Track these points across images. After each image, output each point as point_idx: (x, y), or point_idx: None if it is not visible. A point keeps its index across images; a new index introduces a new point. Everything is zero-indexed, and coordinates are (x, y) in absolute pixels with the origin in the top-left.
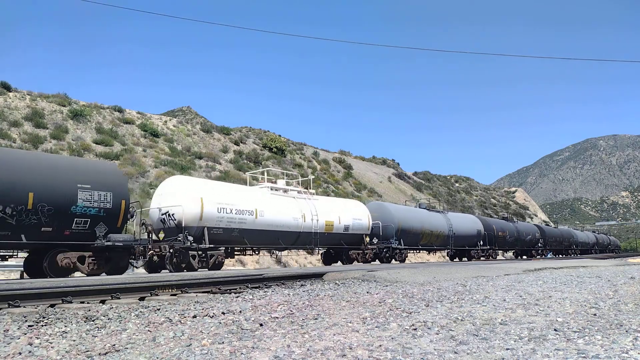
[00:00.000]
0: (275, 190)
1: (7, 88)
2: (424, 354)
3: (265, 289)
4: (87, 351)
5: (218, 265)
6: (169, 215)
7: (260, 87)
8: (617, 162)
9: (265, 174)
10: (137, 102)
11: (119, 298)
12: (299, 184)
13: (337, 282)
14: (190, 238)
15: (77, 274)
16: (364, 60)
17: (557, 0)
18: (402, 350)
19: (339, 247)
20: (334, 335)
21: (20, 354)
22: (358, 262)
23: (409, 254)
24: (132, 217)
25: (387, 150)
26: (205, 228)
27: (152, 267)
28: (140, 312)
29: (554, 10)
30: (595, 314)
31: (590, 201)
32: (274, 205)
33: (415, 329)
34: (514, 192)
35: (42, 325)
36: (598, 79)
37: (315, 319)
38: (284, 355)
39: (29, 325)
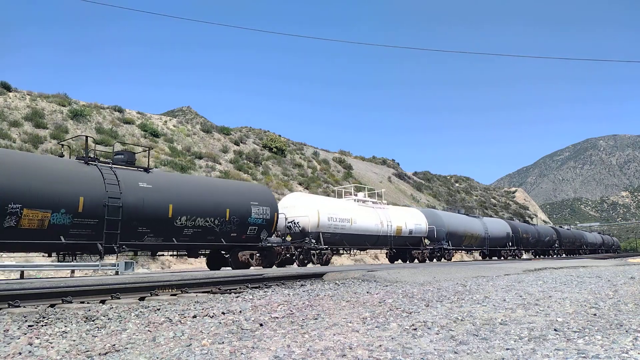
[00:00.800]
0: (360, 202)
1: (7, 88)
2: (424, 354)
3: (265, 289)
4: (87, 351)
5: (327, 262)
6: (294, 223)
7: (260, 87)
8: (617, 162)
9: (352, 188)
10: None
11: (119, 298)
12: (378, 196)
13: (337, 282)
14: (313, 241)
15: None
16: (364, 60)
17: (557, 0)
18: (402, 350)
19: (405, 247)
20: (334, 335)
21: (20, 354)
22: (418, 260)
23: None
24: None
25: (387, 150)
26: (320, 233)
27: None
28: (140, 312)
29: (554, 10)
30: (595, 314)
31: (590, 201)
32: (361, 214)
33: (415, 329)
34: (514, 192)
35: (42, 325)
36: (598, 79)
37: (315, 319)
38: (284, 355)
39: (29, 325)
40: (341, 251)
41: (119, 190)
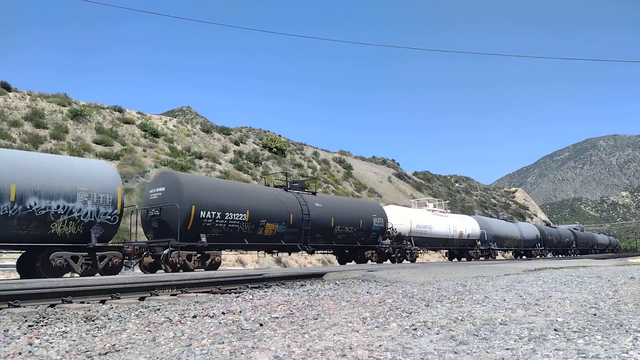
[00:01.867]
0: (432, 211)
1: (7, 88)
2: (424, 354)
3: (265, 289)
4: (87, 351)
5: (414, 259)
6: (393, 229)
7: (260, 87)
8: (617, 162)
9: (428, 201)
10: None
11: (119, 298)
12: (443, 206)
13: (337, 282)
14: (409, 243)
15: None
16: (364, 60)
17: (557, 0)
18: (402, 350)
19: (464, 248)
20: (334, 335)
21: (20, 354)
22: (474, 259)
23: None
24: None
25: (387, 150)
26: (412, 237)
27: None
28: (140, 312)
29: (554, 10)
30: (595, 314)
31: (590, 201)
32: (436, 222)
33: (415, 329)
34: (514, 192)
35: (42, 325)
36: (598, 79)
37: (315, 319)
38: (284, 355)
39: (29, 325)
40: (421, 251)
41: (307, 209)
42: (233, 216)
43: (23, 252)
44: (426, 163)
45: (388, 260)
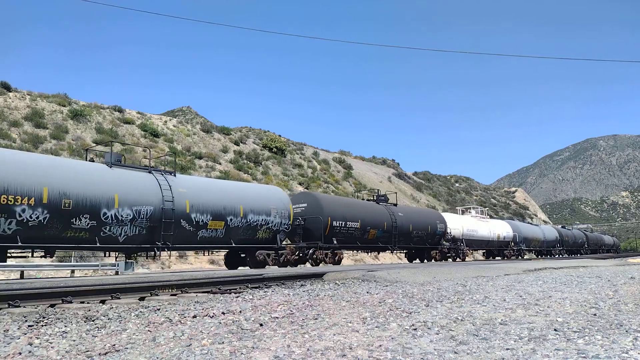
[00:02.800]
0: (475, 217)
1: (7, 88)
2: (424, 354)
3: (265, 289)
4: (87, 351)
5: (464, 258)
6: (449, 232)
7: (260, 87)
8: (617, 162)
9: (472, 208)
10: (137, 102)
11: (119, 298)
12: (482, 212)
13: (337, 282)
14: (462, 244)
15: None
16: (364, 60)
17: (556, 0)
18: (402, 350)
19: (500, 249)
20: (334, 335)
21: (20, 354)
22: (507, 258)
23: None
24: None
25: (387, 150)
26: (464, 239)
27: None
28: (140, 312)
29: (554, 10)
30: (595, 314)
31: (590, 201)
32: (480, 226)
33: (415, 329)
34: (514, 192)
35: (42, 325)
36: (598, 79)
37: (315, 319)
38: (284, 355)
39: (29, 325)
40: (470, 251)
41: (395, 218)
42: (351, 224)
43: (228, 250)
44: (426, 163)
45: (449, 259)
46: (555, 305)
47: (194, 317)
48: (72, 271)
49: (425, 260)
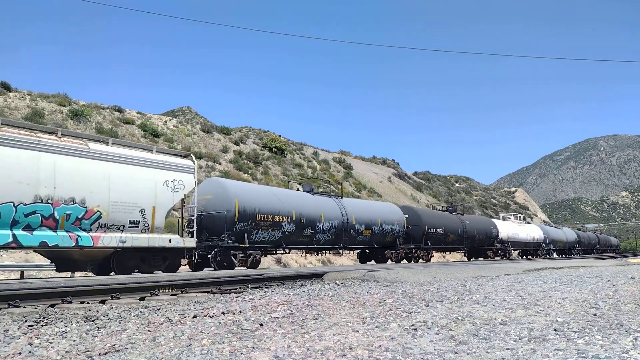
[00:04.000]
0: (514, 222)
1: (7, 88)
2: (424, 354)
3: (265, 289)
4: (87, 351)
5: (509, 257)
6: (500, 235)
7: (260, 87)
8: (617, 162)
9: (513, 215)
10: (137, 102)
11: (119, 298)
12: (521, 217)
13: (337, 282)
14: (508, 245)
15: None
16: (364, 60)
17: (556, 0)
18: (402, 350)
19: (534, 249)
20: (334, 335)
21: (20, 354)
22: (539, 257)
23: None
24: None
25: (387, 150)
26: (509, 241)
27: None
28: (140, 312)
29: (554, 10)
30: (595, 314)
31: (590, 201)
32: (518, 230)
33: (415, 329)
34: (514, 192)
35: (42, 325)
36: (598, 79)
37: (315, 319)
38: (284, 355)
39: (29, 325)
40: (513, 252)
41: (465, 225)
42: (439, 230)
43: (359, 250)
44: (426, 163)
45: (497, 258)
46: (555, 305)
47: (194, 317)
48: (72, 271)
49: (481, 259)
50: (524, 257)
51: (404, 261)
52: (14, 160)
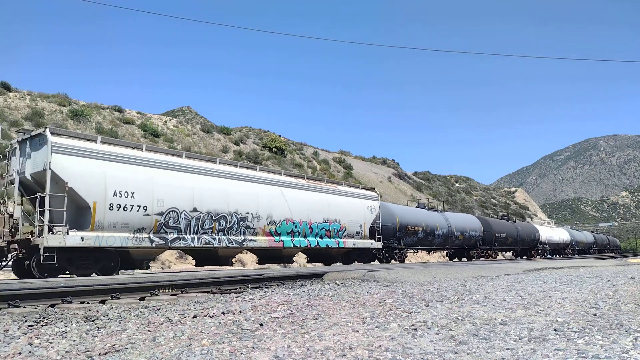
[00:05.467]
0: (547, 226)
1: (7, 88)
2: (424, 354)
3: (265, 289)
4: (87, 351)
5: (545, 256)
6: (540, 237)
7: (260, 87)
8: (617, 162)
9: (549, 220)
10: (137, 102)
11: (119, 298)
12: (551, 222)
13: (337, 282)
14: (546, 247)
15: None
16: (363, 60)
17: (556, 0)
18: (402, 350)
19: (564, 249)
20: (334, 335)
21: (20, 354)
22: (567, 256)
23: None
24: None
25: (387, 150)
26: (547, 242)
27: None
28: (140, 312)
29: (554, 9)
30: (595, 314)
31: (590, 201)
32: (553, 233)
33: (415, 329)
34: (514, 192)
35: (42, 325)
36: (598, 78)
37: (315, 319)
38: (284, 355)
39: (29, 325)
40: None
41: (518, 230)
42: (501, 235)
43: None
44: (426, 163)
45: (537, 257)
46: (555, 305)
47: (194, 317)
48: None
49: (524, 257)
50: (555, 255)
51: (482, 258)
52: (316, 199)
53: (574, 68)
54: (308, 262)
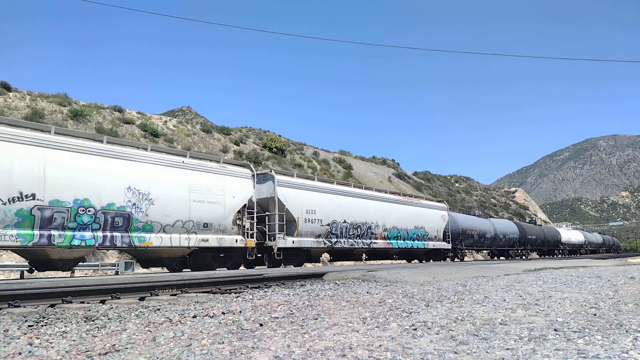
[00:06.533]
0: (566, 229)
1: (7, 88)
2: (424, 354)
3: (265, 289)
4: (87, 351)
5: (565, 255)
6: (563, 239)
7: (260, 87)
8: (617, 162)
9: (566, 224)
10: (137, 102)
11: (119, 298)
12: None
13: (337, 282)
14: (566, 247)
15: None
16: (363, 60)
17: (556, 0)
18: (402, 350)
19: (579, 250)
20: (334, 335)
21: (20, 354)
22: (580, 255)
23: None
24: None
25: (387, 150)
26: (567, 243)
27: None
28: (140, 312)
29: (554, 9)
30: (595, 314)
31: (590, 201)
32: (570, 235)
33: (415, 329)
34: (514, 192)
35: (42, 325)
36: (598, 78)
37: (315, 319)
38: (284, 355)
39: (29, 325)
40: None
41: (544, 233)
42: (532, 237)
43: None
44: (426, 163)
45: (559, 255)
46: (555, 305)
47: (194, 317)
48: (72, 271)
49: (547, 256)
50: (570, 255)
51: (517, 257)
52: (409, 210)
53: (574, 68)
54: (398, 258)
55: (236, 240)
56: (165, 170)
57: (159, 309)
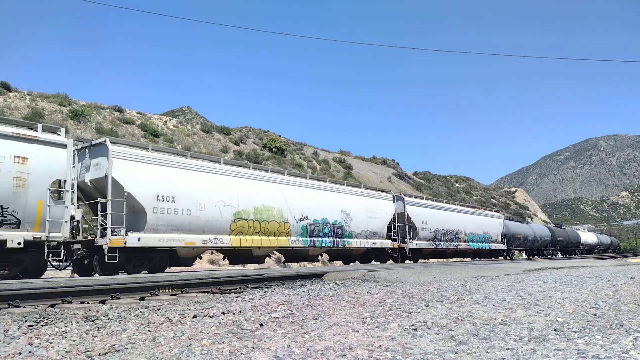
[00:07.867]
0: (582, 230)
1: (7, 88)
2: (424, 354)
3: (265, 289)
4: (87, 351)
5: (584, 254)
6: (582, 239)
7: (260, 87)
8: (617, 162)
9: (583, 226)
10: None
11: (119, 298)
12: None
13: (337, 282)
14: (584, 247)
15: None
16: (363, 60)
17: (556, 0)
18: (402, 350)
19: (593, 250)
20: (334, 335)
21: (20, 354)
22: (595, 254)
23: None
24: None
25: (387, 150)
26: (585, 243)
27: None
28: (140, 312)
29: (554, 9)
30: (595, 314)
31: (590, 201)
32: (586, 236)
33: (415, 329)
34: (514, 192)
35: (42, 325)
36: (598, 78)
37: (315, 319)
38: (284, 355)
39: (29, 325)
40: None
41: (569, 235)
42: (560, 239)
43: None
44: (426, 163)
45: (578, 254)
46: (555, 305)
47: (194, 317)
48: (72, 271)
49: (569, 255)
50: (585, 254)
51: (549, 257)
52: (480, 219)
53: (574, 68)
54: (472, 257)
55: (388, 243)
56: (354, 197)
57: (159, 309)
